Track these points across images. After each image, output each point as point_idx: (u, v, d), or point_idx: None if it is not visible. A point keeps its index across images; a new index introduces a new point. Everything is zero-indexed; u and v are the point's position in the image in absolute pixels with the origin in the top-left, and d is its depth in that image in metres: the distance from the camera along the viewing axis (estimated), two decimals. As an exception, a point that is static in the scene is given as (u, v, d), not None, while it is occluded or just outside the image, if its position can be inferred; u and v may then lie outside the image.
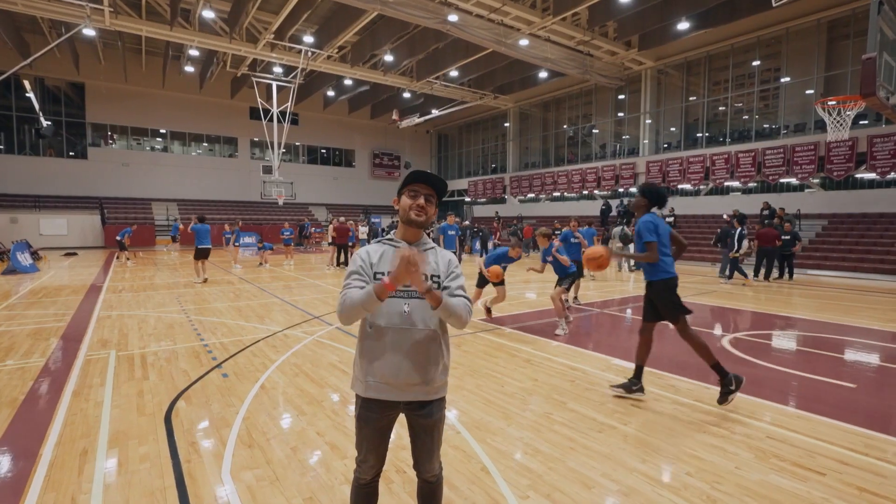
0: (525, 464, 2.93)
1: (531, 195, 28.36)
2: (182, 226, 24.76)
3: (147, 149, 28.55)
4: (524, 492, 2.63)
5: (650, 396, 4.07)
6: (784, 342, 6.19)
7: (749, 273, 12.03)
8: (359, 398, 1.86)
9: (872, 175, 15.63)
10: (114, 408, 3.78)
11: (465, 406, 3.87)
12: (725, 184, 19.60)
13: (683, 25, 17.28)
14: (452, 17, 15.90)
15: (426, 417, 1.84)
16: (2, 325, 6.76)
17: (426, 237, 1.91)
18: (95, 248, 24.15)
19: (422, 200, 1.81)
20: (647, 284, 4.10)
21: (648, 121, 22.56)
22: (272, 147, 23.87)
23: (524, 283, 11.53)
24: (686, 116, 21.61)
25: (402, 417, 1.88)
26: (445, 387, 1.91)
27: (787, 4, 13.47)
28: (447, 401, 1.94)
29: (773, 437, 3.30)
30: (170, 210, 27.74)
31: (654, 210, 4.09)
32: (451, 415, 3.65)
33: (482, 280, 7.11)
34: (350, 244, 15.35)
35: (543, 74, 22.69)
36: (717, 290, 10.55)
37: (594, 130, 25.37)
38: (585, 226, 10.00)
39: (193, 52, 22.09)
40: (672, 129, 22.27)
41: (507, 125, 30.84)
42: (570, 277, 6.68)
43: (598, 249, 4.08)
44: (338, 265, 15.15)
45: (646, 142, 22.60)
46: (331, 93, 29.38)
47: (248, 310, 8.05)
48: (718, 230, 13.24)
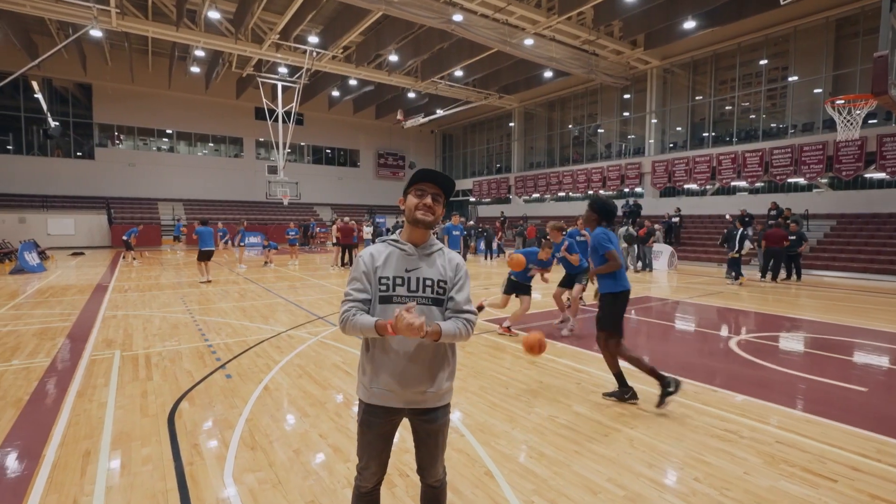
0: (530, 468, 2.90)
1: (536, 195, 28.27)
2: (184, 228, 24.98)
3: (153, 149, 28.71)
4: (529, 497, 2.59)
5: (656, 399, 4.01)
6: (792, 344, 6.11)
7: (747, 273, 11.92)
8: (362, 403, 1.82)
9: (882, 175, 15.45)
10: (117, 409, 3.78)
11: (469, 408, 3.84)
12: (732, 184, 19.43)
13: (690, 24, 17.15)
14: (457, 17, 15.85)
15: (431, 422, 1.81)
16: (8, 325, 6.80)
17: (433, 238, 1.85)
18: (102, 248, 24.32)
19: (429, 199, 1.74)
20: (601, 297, 4.10)
21: (654, 120, 22.40)
22: (277, 147, 23.93)
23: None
24: (692, 116, 21.44)
25: (406, 421, 1.85)
26: (451, 392, 1.87)
27: (795, 3, 13.36)
28: (450, 403, 1.90)
29: (783, 442, 3.24)
30: (175, 210, 27.87)
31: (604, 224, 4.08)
32: (455, 417, 3.61)
33: (512, 286, 6.55)
34: (353, 243, 15.35)
35: (548, 74, 22.60)
36: (724, 291, 10.45)
37: (599, 130, 25.23)
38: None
39: (199, 53, 22.19)
40: (678, 129, 22.12)
41: (512, 125, 30.74)
42: (584, 274, 6.54)
43: (534, 336, 3.86)
44: (342, 265, 15.17)
45: (651, 141, 22.45)
46: (336, 93, 29.44)
47: (253, 310, 8.06)
48: (725, 230, 13.13)
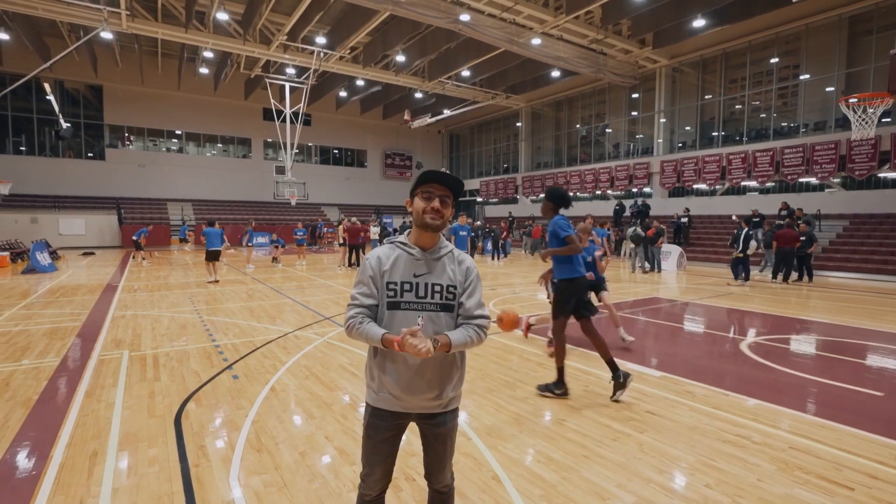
0: (538, 472, 2.86)
1: (543, 196, 28.12)
2: (190, 232, 25.24)
3: (163, 150, 28.96)
4: (537, 502, 2.55)
5: (666, 403, 3.96)
6: (804, 347, 6.01)
7: (747, 274, 11.82)
8: (369, 407, 1.80)
9: (896, 174, 15.22)
10: (125, 409, 3.79)
11: (476, 410, 3.81)
12: (742, 183, 19.21)
13: (699, 23, 16.97)
14: (464, 17, 15.82)
15: (439, 426, 1.78)
16: (19, 325, 6.86)
17: (443, 240, 1.79)
18: (112, 248, 24.57)
19: (437, 203, 1.69)
20: (558, 283, 4.17)
21: (663, 120, 22.21)
22: (285, 148, 24.04)
23: (535, 285, 11.39)
24: (701, 115, 21.23)
25: (413, 425, 1.82)
26: (459, 398, 1.84)
27: (806, 0, 13.18)
28: (458, 407, 1.87)
29: (797, 448, 3.18)
30: (185, 210, 28.11)
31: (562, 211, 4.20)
32: (462, 420, 3.58)
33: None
34: (360, 243, 15.35)
35: (556, 74, 22.50)
36: (734, 293, 10.32)
37: (607, 130, 25.05)
38: (598, 226, 9.86)
39: (208, 54, 22.35)
40: (687, 128, 21.91)
41: (520, 125, 30.65)
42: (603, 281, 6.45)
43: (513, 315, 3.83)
44: (349, 265, 15.18)
45: (660, 141, 22.26)
46: (343, 93, 29.50)
47: (260, 310, 8.07)
48: (735, 230, 12.99)
